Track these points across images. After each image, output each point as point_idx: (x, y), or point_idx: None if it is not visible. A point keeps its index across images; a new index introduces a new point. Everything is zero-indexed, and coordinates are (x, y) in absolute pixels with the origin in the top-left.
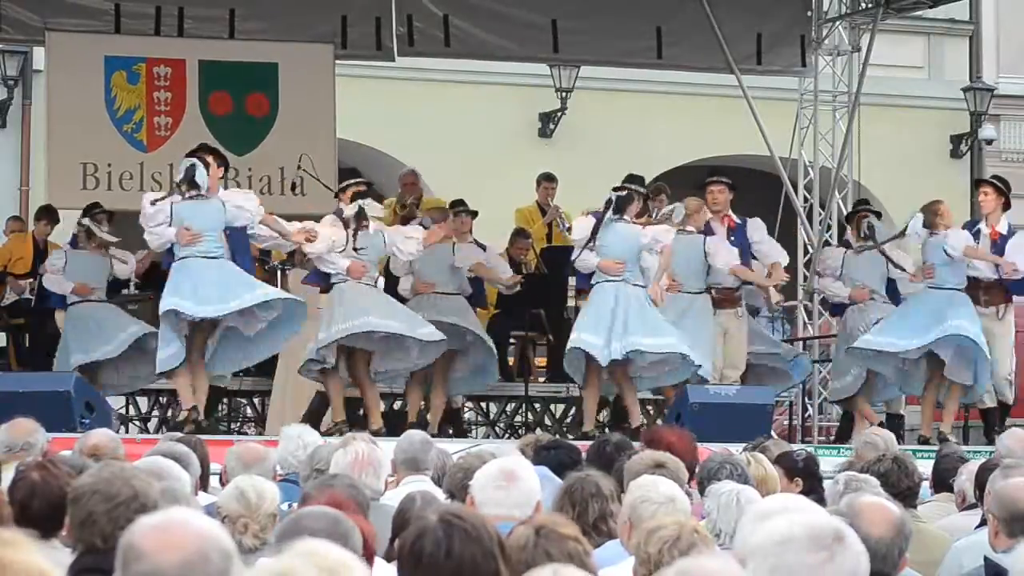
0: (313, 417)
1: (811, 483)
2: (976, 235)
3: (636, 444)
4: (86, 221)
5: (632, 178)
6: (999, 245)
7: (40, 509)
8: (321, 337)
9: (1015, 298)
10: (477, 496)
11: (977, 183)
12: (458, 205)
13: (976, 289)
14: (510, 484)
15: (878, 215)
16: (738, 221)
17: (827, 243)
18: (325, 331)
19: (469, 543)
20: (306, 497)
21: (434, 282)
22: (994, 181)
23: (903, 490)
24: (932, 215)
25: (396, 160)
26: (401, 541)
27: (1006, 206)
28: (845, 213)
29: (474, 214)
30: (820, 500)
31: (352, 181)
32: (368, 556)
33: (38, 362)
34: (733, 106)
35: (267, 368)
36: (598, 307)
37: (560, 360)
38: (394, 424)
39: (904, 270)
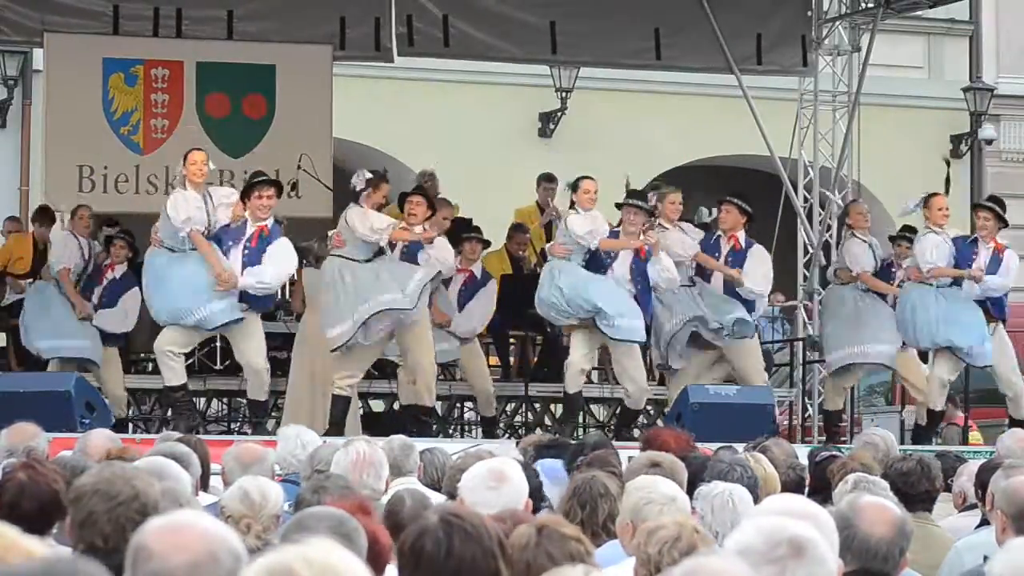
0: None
1: (820, 481)
2: (972, 248)
3: None
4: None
5: (634, 194)
6: (996, 258)
7: (30, 509)
8: None
9: (1011, 296)
10: (467, 497)
11: (975, 207)
12: (470, 230)
13: None
14: (500, 485)
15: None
16: (743, 244)
17: (827, 243)
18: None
19: (469, 542)
20: (302, 500)
21: None
22: (992, 206)
23: (920, 493)
24: (925, 207)
25: (396, 160)
26: (401, 541)
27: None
28: (842, 212)
29: (486, 244)
30: (827, 500)
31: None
32: (381, 562)
33: (38, 362)
34: (733, 106)
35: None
36: None
37: (555, 359)
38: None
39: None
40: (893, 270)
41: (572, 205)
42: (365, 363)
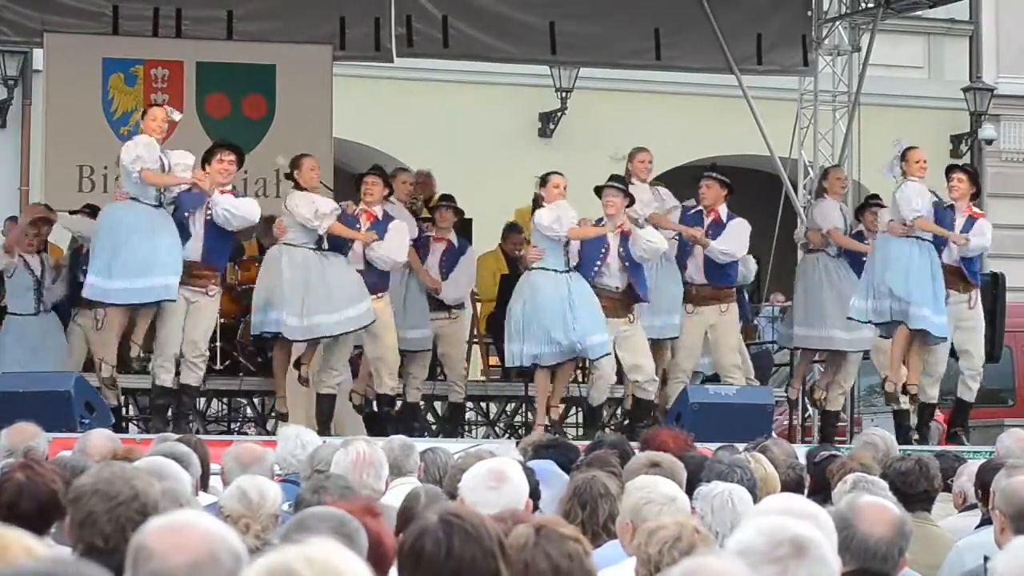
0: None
1: (819, 482)
2: (950, 215)
3: None
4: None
5: (613, 178)
6: (971, 222)
7: (28, 509)
8: None
9: (1011, 295)
10: (467, 497)
11: (950, 168)
12: (445, 200)
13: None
14: (500, 485)
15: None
16: (724, 219)
17: None
18: None
19: (469, 542)
20: (302, 500)
21: None
22: (967, 167)
23: (919, 493)
24: (903, 161)
25: (396, 160)
26: (401, 540)
27: (975, 196)
28: (820, 175)
29: (459, 212)
30: (827, 499)
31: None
32: (385, 565)
33: None
34: (733, 106)
35: (268, 368)
36: None
37: None
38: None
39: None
40: (865, 240)
41: (538, 201)
42: (345, 358)
